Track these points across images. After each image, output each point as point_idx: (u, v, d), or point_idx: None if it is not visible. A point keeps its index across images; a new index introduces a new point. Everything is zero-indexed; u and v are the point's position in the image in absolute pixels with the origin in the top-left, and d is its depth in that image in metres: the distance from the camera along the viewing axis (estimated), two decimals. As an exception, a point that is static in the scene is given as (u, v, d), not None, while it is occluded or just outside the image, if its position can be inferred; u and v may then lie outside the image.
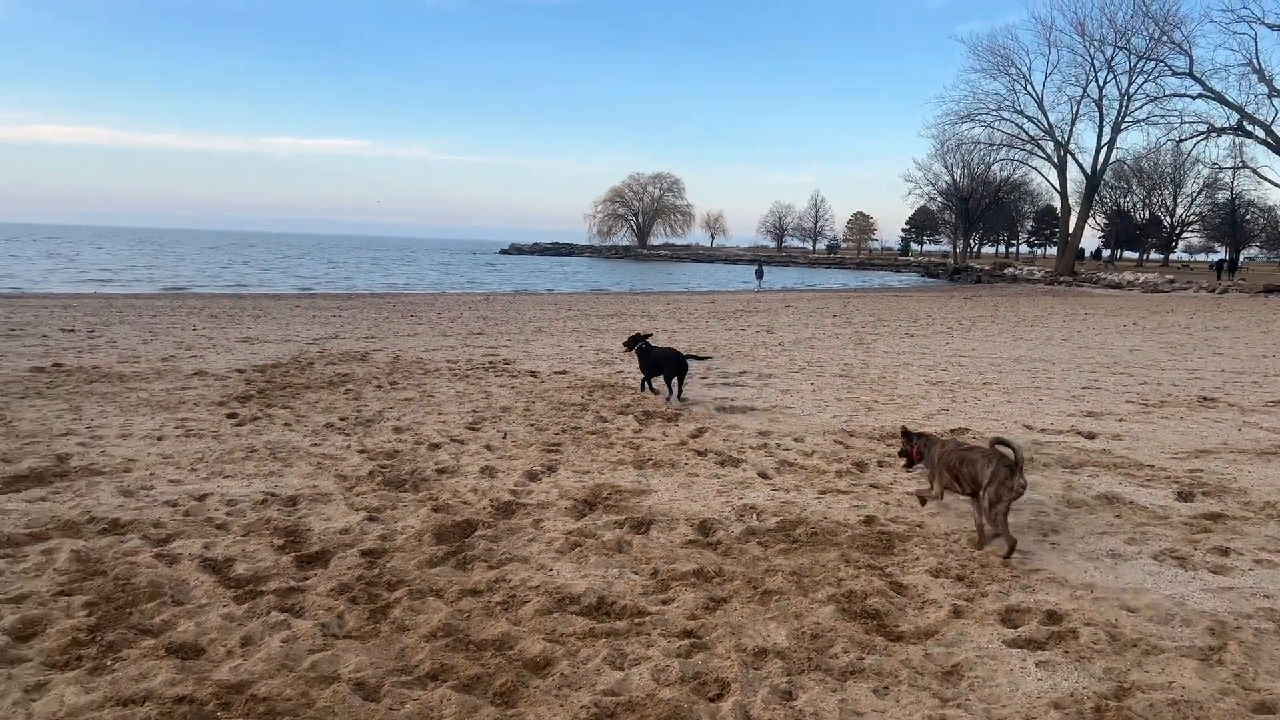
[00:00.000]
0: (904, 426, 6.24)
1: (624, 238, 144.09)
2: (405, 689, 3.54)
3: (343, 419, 8.76)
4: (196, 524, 5.40)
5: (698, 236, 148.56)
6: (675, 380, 10.15)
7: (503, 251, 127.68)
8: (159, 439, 7.69)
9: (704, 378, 12.02)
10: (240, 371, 11.75)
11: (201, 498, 5.94)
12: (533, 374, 12.23)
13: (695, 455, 7.51)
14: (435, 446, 7.66)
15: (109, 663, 3.66)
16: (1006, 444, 5.16)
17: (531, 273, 68.22)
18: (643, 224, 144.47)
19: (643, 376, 10.76)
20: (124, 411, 8.83)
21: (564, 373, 12.41)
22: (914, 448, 5.94)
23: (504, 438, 8.06)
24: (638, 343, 10.74)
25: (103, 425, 8.15)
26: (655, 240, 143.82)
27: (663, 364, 10.29)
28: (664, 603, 4.41)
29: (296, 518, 5.59)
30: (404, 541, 5.19)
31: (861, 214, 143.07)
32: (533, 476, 6.71)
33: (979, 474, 5.20)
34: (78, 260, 60.47)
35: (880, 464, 7.33)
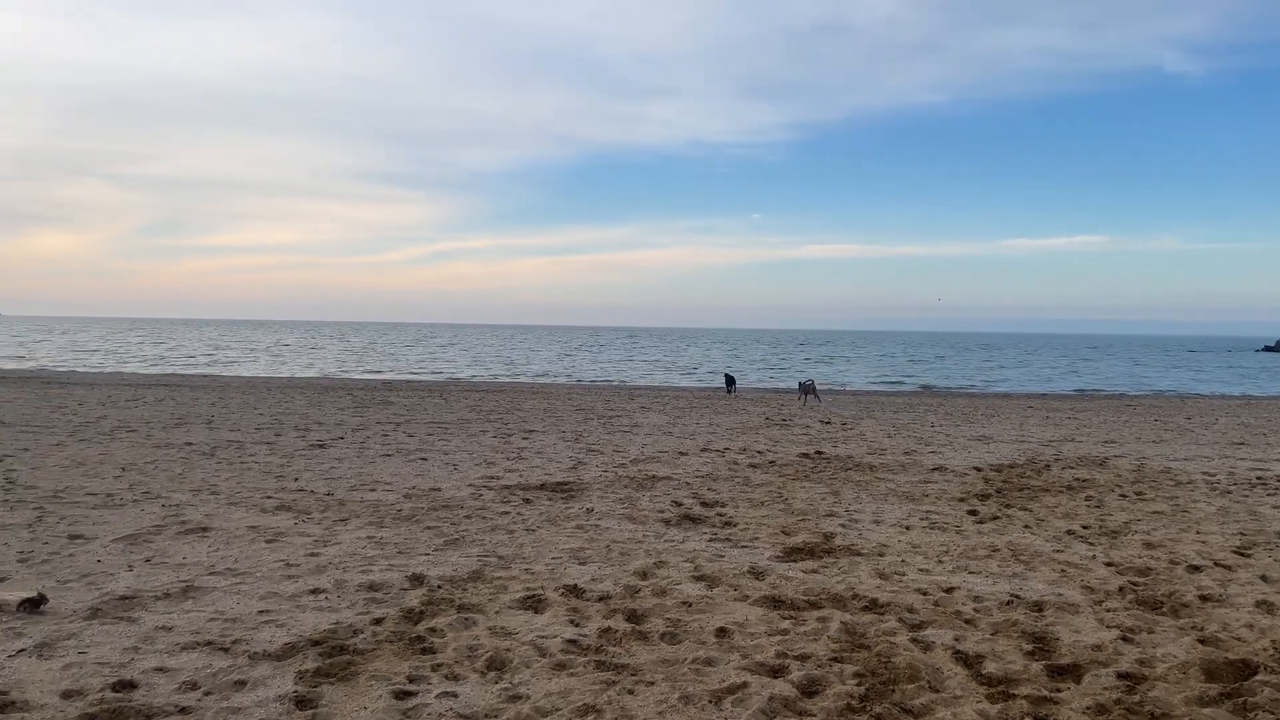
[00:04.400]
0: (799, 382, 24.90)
1: None
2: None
3: (1085, 527, 8.39)
4: (946, 615, 5.65)
5: None
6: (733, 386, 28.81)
7: (1267, 349, 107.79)
8: (906, 528, 8.27)
9: None
10: (978, 469, 12.05)
11: (949, 590, 6.20)
12: (1321, 495, 10.18)
13: None
14: (1195, 569, 6.84)
15: (878, 732, 4.01)
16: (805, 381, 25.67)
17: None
18: None
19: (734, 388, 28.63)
20: (875, 499, 9.72)
21: (1368, 497, 10.09)
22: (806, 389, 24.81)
23: (1287, 569, 6.84)
24: (730, 379, 29.46)
25: (858, 510, 9.08)
26: None
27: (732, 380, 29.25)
28: None
29: (1044, 624, 5.48)
30: (1166, 671, 4.71)
31: None
32: (1332, 621, 5.55)
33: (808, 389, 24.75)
34: (835, 361, 69.16)
35: None
